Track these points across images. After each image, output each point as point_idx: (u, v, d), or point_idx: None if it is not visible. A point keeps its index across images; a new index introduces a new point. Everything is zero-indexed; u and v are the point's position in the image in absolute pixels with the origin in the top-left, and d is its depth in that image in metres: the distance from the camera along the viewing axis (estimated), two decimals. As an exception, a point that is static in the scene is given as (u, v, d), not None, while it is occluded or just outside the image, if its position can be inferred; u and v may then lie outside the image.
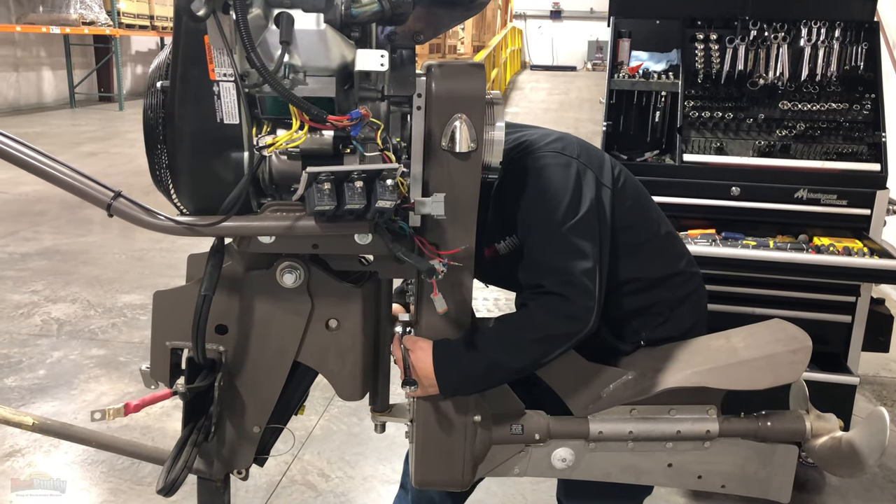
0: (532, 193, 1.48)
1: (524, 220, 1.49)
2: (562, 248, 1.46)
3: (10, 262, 5.16)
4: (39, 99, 13.08)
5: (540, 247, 1.47)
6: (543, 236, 1.47)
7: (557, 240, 1.46)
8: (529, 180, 1.49)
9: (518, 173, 1.49)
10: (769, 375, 1.58)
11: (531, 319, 1.47)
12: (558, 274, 1.45)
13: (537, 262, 1.48)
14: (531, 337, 1.46)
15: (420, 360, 1.46)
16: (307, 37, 1.14)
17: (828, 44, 2.64)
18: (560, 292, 1.44)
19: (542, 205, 1.47)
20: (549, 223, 1.46)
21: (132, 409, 1.37)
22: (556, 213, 1.46)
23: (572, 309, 1.45)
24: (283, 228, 1.27)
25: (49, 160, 1.29)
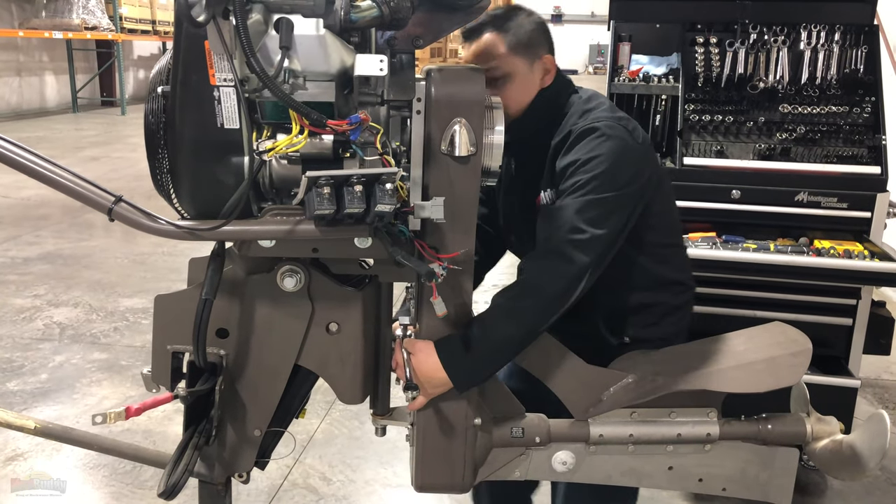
0: (592, 156, 1.53)
1: (574, 178, 1.53)
2: (588, 213, 1.49)
3: (12, 267, 5.17)
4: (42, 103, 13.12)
5: (572, 207, 1.50)
6: (578, 199, 1.50)
7: (589, 206, 1.49)
8: (597, 143, 1.54)
9: (571, 130, 1.58)
10: (770, 378, 1.58)
11: (525, 284, 1.48)
12: (572, 232, 1.47)
13: (562, 214, 1.50)
14: (526, 304, 1.47)
15: (423, 362, 1.46)
16: (307, 42, 1.15)
17: (828, 47, 2.65)
18: (565, 250, 1.46)
19: (585, 171, 1.52)
20: (591, 186, 1.50)
21: (133, 413, 1.38)
22: (596, 183, 1.50)
23: (570, 267, 1.46)
24: (283, 232, 1.28)
25: (51, 165, 1.29)
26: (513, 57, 1.60)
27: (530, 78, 1.64)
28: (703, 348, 1.65)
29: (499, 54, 1.60)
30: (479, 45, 1.61)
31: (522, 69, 1.62)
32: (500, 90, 1.59)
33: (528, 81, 1.63)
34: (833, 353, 2.63)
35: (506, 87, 1.61)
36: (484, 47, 1.60)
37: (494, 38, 1.60)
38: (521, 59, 1.61)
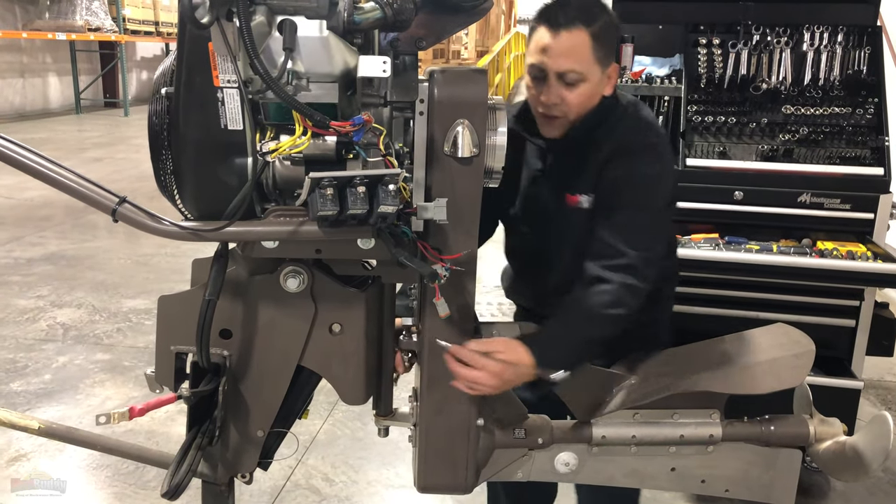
0: (645, 169, 1.57)
1: (631, 191, 1.56)
2: (655, 228, 1.60)
3: (15, 268, 5.18)
4: (45, 105, 13.15)
5: (638, 219, 1.56)
6: (645, 212, 1.57)
7: (655, 219, 1.60)
8: (644, 153, 1.59)
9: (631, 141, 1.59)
10: (772, 380, 1.58)
11: (614, 295, 1.52)
12: (644, 250, 1.54)
13: (631, 231, 1.55)
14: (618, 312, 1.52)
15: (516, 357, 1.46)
16: (310, 43, 1.15)
17: (830, 48, 2.64)
18: (639, 269, 1.53)
19: (652, 182, 1.58)
20: (653, 201, 1.58)
21: (137, 413, 1.38)
22: (660, 194, 1.60)
23: (644, 285, 1.54)
24: (286, 233, 1.28)
25: (55, 166, 1.30)
26: (594, 64, 1.54)
27: (599, 86, 1.59)
28: (706, 350, 1.65)
29: (584, 58, 1.53)
30: (568, 40, 1.52)
31: (596, 76, 1.57)
32: (566, 91, 1.55)
33: (597, 89, 1.59)
34: (836, 354, 2.62)
35: (574, 90, 1.55)
36: (571, 45, 1.52)
37: (584, 38, 1.52)
38: (599, 66, 1.56)
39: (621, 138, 1.59)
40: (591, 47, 1.53)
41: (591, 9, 1.56)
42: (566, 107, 1.55)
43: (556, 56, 1.52)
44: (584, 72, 1.53)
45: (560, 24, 1.52)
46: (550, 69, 1.53)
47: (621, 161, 1.57)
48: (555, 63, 1.52)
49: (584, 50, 1.52)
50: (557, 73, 1.53)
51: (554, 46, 1.52)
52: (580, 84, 1.54)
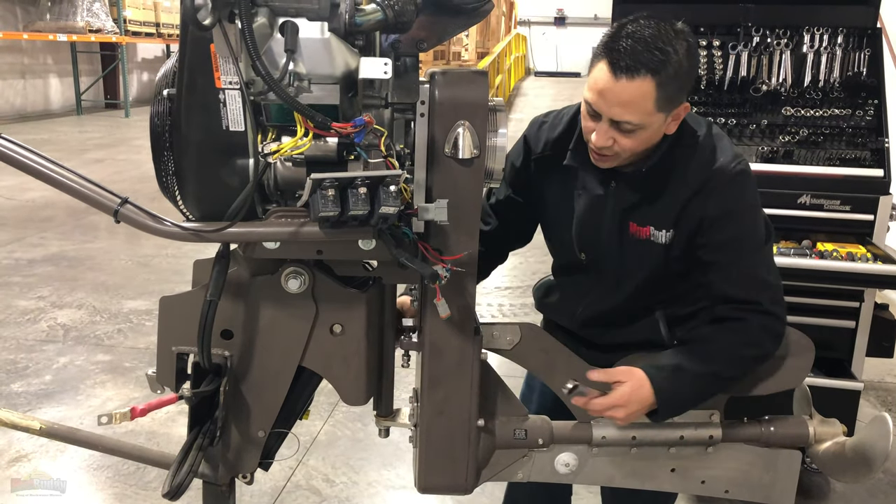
0: (745, 200, 1.51)
1: (729, 229, 1.49)
2: (769, 264, 1.55)
3: (16, 268, 5.19)
4: (46, 106, 13.16)
5: (751, 260, 1.51)
6: (754, 250, 1.51)
7: (765, 255, 1.55)
8: (738, 184, 1.50)
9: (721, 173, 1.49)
10: (772, 381, 1.59)
11: (750, 334, 1.50)
12: (773, 290, 1.52)
13: (750, 275, 1.51)
14: (751, 353, 1.52)
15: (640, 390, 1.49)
16: (312, 45, 1.16)
17: (830, 50, 2.65)
18: (775, 312, 1.51)
19: (751, 217, 1.52)
20: (757, 237, 1.52)
21: (138, 414, 1.38)
22: (759, 228, 1.53)
23: (781, 328, 1.54)
24: (287, 234, 1.28)
25: (57, 167, 1.30)
26: (655, 114, 1.41)
27: (660, 130, 1.47)
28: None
29: (644, 110, 1.39)
30: (628, 90, 1.37)
31: (658, 123, 1.44)
32: (619, 135, 1.44)
33: (657, 134, 1.47)
34: (836, 355, 2.63)
35: (629, 137, 1.44)
36: (630, 97, 1.38)
37: (648, 88, 1.37)
38: (663, 114, 1.42)
39: (707, 170, 1.49)
40: (655, 98, 1.38)
41: (665, 49, 1.37)
42: (619, 149, 1.46)
43: (613, 104, 1.40)
44: (643, 123, 1.41)
45: (622, 69, 1.37)
46: (604, 114, 1.42)
47: (716, 196, 1.48)
48: (609, 111, 1.41)
49: (645, 102, 1.38)
50: (612, 121, 1.42)
51: (611, 93, 1.39)
52: (637, 132, 1.43)
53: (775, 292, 1.53)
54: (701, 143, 1.52)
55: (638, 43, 1.37)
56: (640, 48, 1.37)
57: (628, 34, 1.39)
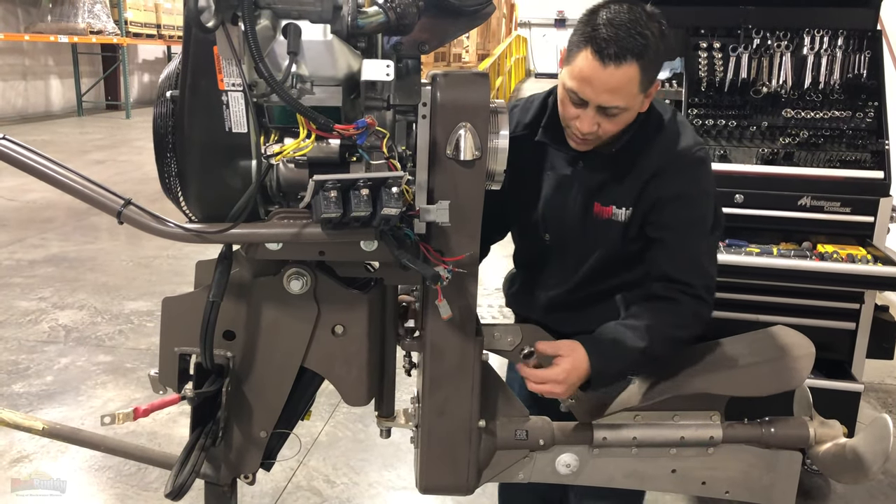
0: (700, 186, 1.56)
1: (687, 211, 1.55)
2: (711, 254, 1.62)
3: (17, 269, 5.19)
4: (47, 107, 13.17)
5: (695, 245, 1.57)
6: (700, 236, 1.57)
7: (710, 244, 1.61)
8: (696, 169, 1.56)
9: (681, 156, 1.55)
10: (773, 382, 1.59)
11: (681, 316, 1.55)
12: (708, 278, 1.57)
13: (691, 258, 1.56)
14: (680, 334, 1.57)
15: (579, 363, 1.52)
16: (314, 47, 1.16)
17: (831, 52, 2.66)
18: (705, 298, 1.56)
19: (704, 204, 1.57)
20: (706, 224, 1.58)
21: (141, 414, 1.39)
22: (709, 216, 1.58)
23: (708, 314, 1.58)
24: (290, 235, 1.29)
25: (60, 168, 1.31)
26: (639, 95, 1.47)
27: (639, 108, 1.52)
28: (707, 352, 1.66)
29: (630, 93, 1.44)
30: (616, 76, 1.41)
31: (638, 104, 1.50)
32: (604, 120, 1.48)
33: (635, 112, 1.52)
34: (836, 357, 2.63)
35: (613, 120, 1.49)
36: (619, 83, 1.42)
37: (634, 72, 1.42)
38: (643, 94, 1.48)
39: (669, 153, 1.54)
40: (639, 81, 1.44)
41: (644, 32, 1.41)
42: (602, 133, 1.51)
43: (601, 91, 1.43)
44: (628, 106, 1.47)
45: (609, 57, 1.40)
46: (591, 101, 1.46)
47: (673, 178, 1.53)
48: (597, 98, 1.44)
49: (631, 86, 1.44)
50: (598, 107, 1.46)
51: (599, 80, 1.42)
52: (621, 115, 1.48)
53: (710, 280, 1.58)
54: (666, 126, 1.58)
55: (619, 29, 1.41)
56: (623, 34, 1.40)
57: (608, 20, 1.42)
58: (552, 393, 1.53)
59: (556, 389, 1.52)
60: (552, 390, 1.53)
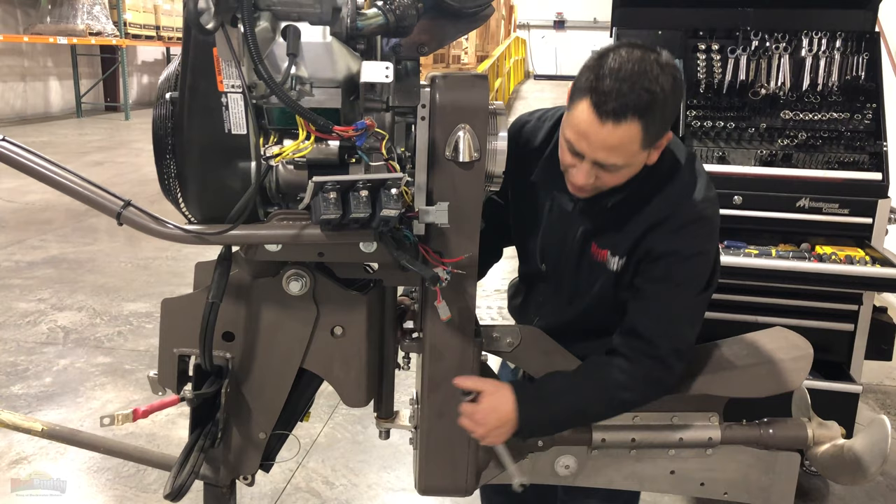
0: (693, 247, 1.44)
1: (673, 269, 1.44)
2: (693, 316, 1.50)
3: (16, 271, 5.19)
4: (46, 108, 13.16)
5: (676, 305, 1.46)
6: (684, 297, 1.46)
7: (694, 306, 1.49)
8: (694, 227, 1.44)
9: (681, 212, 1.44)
10: (771, 383, 1.59)
11: (631, 378, 1.47)
12: (679, 341, 1.48)
13: (666, 318, 1.46)
14: (625, 397, 1.49)
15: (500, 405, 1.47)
16: (314, 49, 1.17)
17: (829, 54, 2.66)
18: (669, 363, 1.47)
19: (693, 264, 1.45)
20: (694, 286, 1.46)
21: (140, 415, 1.39)
22: (700, 278, 1.47)
23: (669, 380, 1.50)
24: (289, 237, 1.29)
25: (60, 170, 1.31)
26: (641, 152, 1.37)
27: (643, 163, 1.42)
28: (705, 353, 1.66)
29: (630, 152, 1.35)
30: (614, 135, 1.31)
31: (640, 159, 1.40)
32: (602, 173, 1.40)
33: (638, 167, 1.42)
34: (835, 358, 2.63)
35: (612, 174, 1.40)
36: (617, 142, 1.33)
37: (634, 131, 1.31)
38: (646, 151, 1.38)
39: (671, 206, 1.44)
40: (641, 139, 1.33)
41: (652, 88, 1.30)
42: (601, 185, 1.43)
43: (597, 148, 1.35)
44: (628, 163, 1.38)
45: (608, 114, 1.30)
46: (587, 156, 1.38)
47: (667, 234, 1.43)
48: (594, 154, 1.36)
49: (632, 145, 1.34)
50: (595, 161, 1.38)
51: (597, 137, 1.33)
52: (621, 170, 1.40)
53: (681, 344, 1.48)
54: (677, 176, 1.47)
55: (623, 82, 1.30)
56: (626, 88, 1.29)
57: (612, 71, 1.31)
58: (469, 430, 1.49)
59: (472, 428, 1.48)
60: (468, 427, 1.48)
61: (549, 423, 1.53)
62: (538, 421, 1.50)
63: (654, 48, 1.36)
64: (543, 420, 1.51)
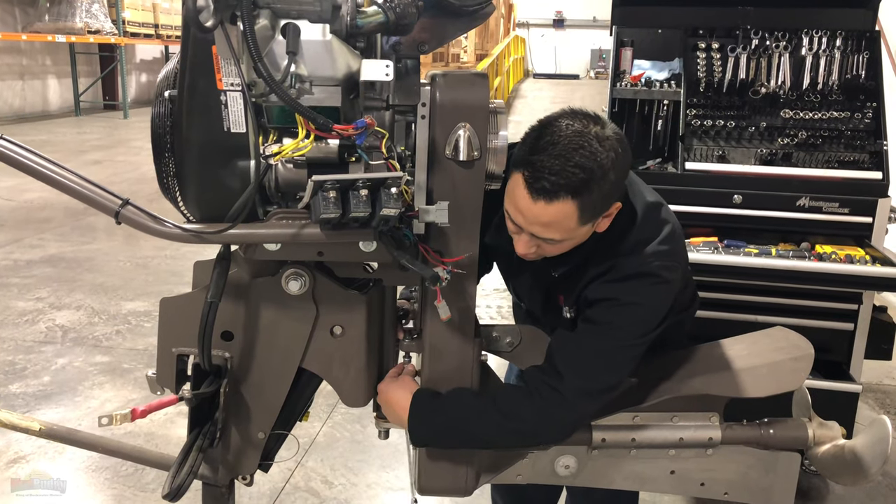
0: (625, 296, 1.40)
1: (600, 313, 1.41)
2: (613, 363, 1.43)
3: (14, 270, 5.18)
4: (44, 107, 13.14)
5: (596, 345, 1.42)
6: (608, 340, 1.41)
7: (616, 351, 1.42)
8: (633, 280, 1.40)
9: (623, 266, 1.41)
10: (772, 383, 1.59)
11: (527, 411, 1.42)
12: (590, 381, 1.42)
13: (581, 356, 1.42)
14: (515, 427, 1.43)
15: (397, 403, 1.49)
16: (313, 47, 1.16)
17: (829, 53, 2.66)
18: (571, 401, 1.41)
19: (629, 311, 1.40)
20: (623, 333, 1.41)
21: (139, 415, 1.38)
22: (635, 327, 1.41)
23: (567, 418, 1.44)
24: (288, 236, 1.28)
25: (58, 168, 1.30)
26: (580, 228, 1.35)
27: (588, 233, 1.41)
28: (705, 353, 1.66)
29: (567, 228, 1.34)
30: (546, 213, 1.31)
31: (583, 232, 1.38)
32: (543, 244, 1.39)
33: (581, 238, 1.41)
34: (834, 358, 2.63)
35: (553, 246, 1.40)
36: (550, 220, 1.32)
37: (569, 210, 1.30)
38: (589, 224, 1.37)
39: (611, 261, 1.42)
40: (578, 216, 1.32)
41: (587, 165, 1.28)
42: (543, 253, 1.43)
43: (532, 223, 1.35)
44: (566, 237, 1.37)
45: (538, 192, 1.29)
46: (525, 229, 1.38)
47: (605, 283, 1.42)
48: (529, 228, 1.36)
49: (567, 221, 1.32)
50: (532, 234, 1.38)
51: (531, 213, 1.33)
52: (562, 242, 1.39)
53: (592, 385, 1.41)
54: (628, 236, 1.43)
55: (556, 159, 1.28)
56: (559, 166, 1.27)
57: (547, 145, 1.29)
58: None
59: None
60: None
61: (436, 437, 1.48)
62: (425, 433, 1.47)
63: (597, 118, 1.33)
64: (429, 433, 1.47)
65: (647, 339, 1.43)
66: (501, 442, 1.49)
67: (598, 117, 1.34)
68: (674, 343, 1.67)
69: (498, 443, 1.49)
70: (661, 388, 1.60)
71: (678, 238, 1.50)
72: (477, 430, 1.45)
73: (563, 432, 1.48)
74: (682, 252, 1.54)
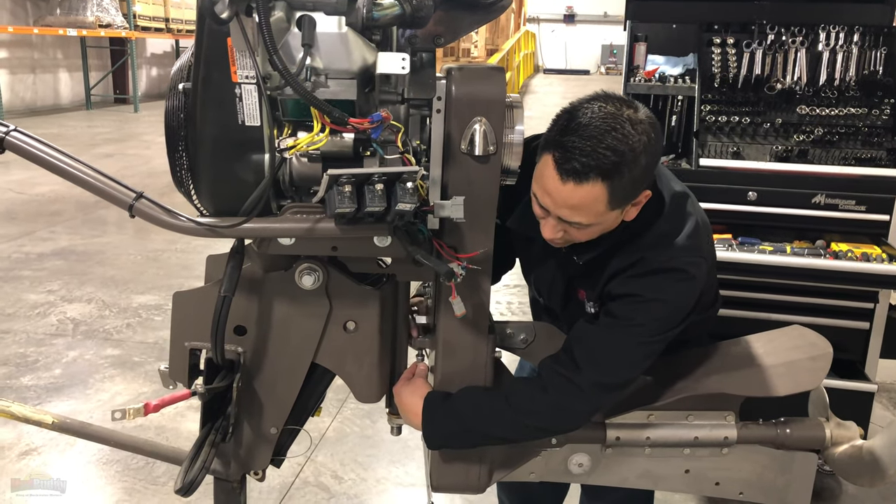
0: (657, 298, 1.37)
1: (622, 308, 1.39)
2: (631, 358, 1.41)
3: (26, 262, 5.20)
4: (56, 100, 13.19)
5: (616, 340, 1.39)
6: (629, 336, 1.39)
7: (636, 347, 1.40)
8: (652, 279, 1.38)
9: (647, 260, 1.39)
10: (789, 382, 1.57)
11: (542, 405, 1.41)
12: (607, 375, 1.40)
13: (600, 348, 1.40)
14: (531, 423, 1.43)
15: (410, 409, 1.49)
16: (329, 40, 1.15)
17: (846, 48, 2.63)
18: (587, 393, 1.39)
19: (650, 307, 1.38)
20: (644, 328, 1.38)
21: (152, 409, 1.38)
22: (657, 323, 1.39)
23: (583, 408, 1.43)
24: (302, 230, 1.28)
25: (73, 161, 1.30)
26: (609, 212, 1.32)
27: (617, 220, 1.37)
28: (722, 351, 1.64)
29: (596, 212, 1.30)
30: (575, 195, 1.27)
31: (612, 218, 1.35)
32: (571, 229, 1.35)
33: (612, 225, 1.38)
34: (849, 357, 2.61)
35: (581, 231, 1.36)
36: (579, 202, 1.28)
37: (599, 192, 1.27)
38: (618, 210, 1.33)
39: (636, 255, 1.39)
40: (608, 200, 1.28)
41: (619, 148, 1.24)
42: (571, 238, 1.39)
43: (560, 206, 1.31)
44: (595, 222, 1.33)
45: (568, 173, 1.26)
46: (552, 212, 1.34)
47: (628, 279, 1.39)
48: (557, 211, 1.32)
49: (597, 205, 1.29)
50: (559, 218, 1.34)
51: (559, 195, 1.29)
52: (590, 227, 1.35)
53: (609, 379, 1.40)
54: (653, 228, 1.41)
55: (588, 140, 1.24)
56: (590, 147, 1.24)
57: (578, 126, 1.26)
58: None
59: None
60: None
61: (451, 440, 1.48)
62: (440, 437, 1.47)
63: (631, 102, 1.30)
64: (444, 437, 1.47)
65: (668, 335, 1.41)
66: (517, 437, 1.49)
67: (631, 101, 1.31)
68: (695, 343, 1.66)
69: (513, 439, 1.50)
70: (676, 387, 1.59)
71: (705, 232, 1.47)
72: (491, 430, 1.44)
73: (577, 423, 1.47)
74: (708, 247, 1.50)
